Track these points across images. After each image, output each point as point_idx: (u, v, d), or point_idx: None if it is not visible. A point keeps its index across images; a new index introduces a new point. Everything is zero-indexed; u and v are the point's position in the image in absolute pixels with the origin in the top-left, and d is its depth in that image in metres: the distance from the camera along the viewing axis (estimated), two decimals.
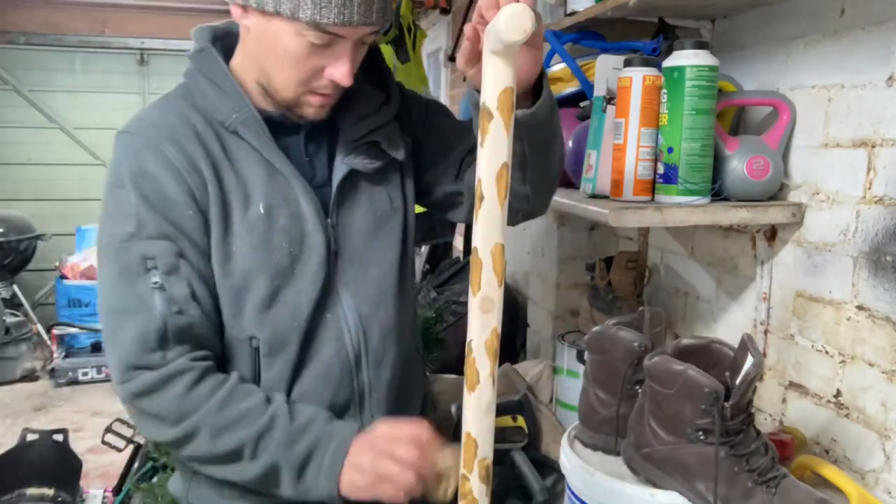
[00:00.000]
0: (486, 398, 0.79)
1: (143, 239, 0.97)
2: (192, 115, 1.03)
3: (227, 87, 1.03)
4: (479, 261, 0.77)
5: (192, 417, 0.97)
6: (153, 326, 0.96)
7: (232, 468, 0.99)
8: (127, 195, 0.98)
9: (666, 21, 1.45)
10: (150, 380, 0.96)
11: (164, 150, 0.99)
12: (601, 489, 1.11)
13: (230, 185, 1.02)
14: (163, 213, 0.98)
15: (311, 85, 0.99)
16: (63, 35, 5.90)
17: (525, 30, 0.71)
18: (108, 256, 0.99)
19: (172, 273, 0.97)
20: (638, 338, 1.18)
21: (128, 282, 0.97)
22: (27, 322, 5.09)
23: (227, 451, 0.97)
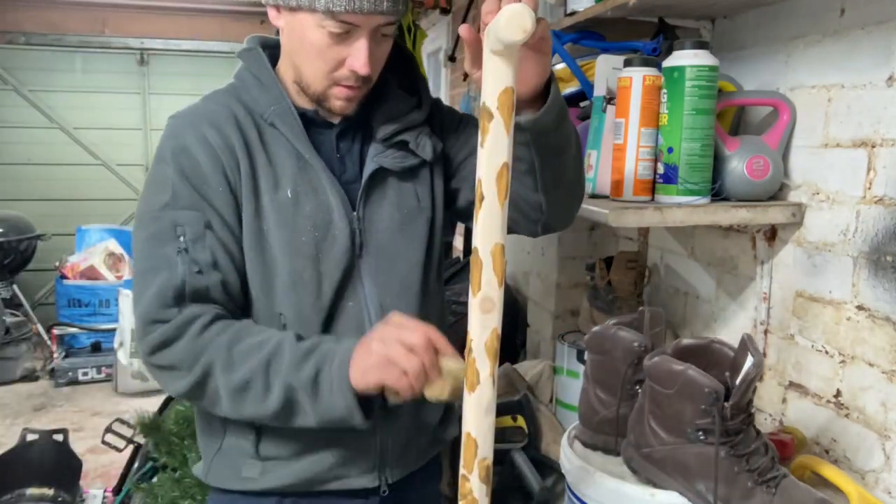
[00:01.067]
0: (486, 398, 0.79)
1: (176, 209, 1.05)
2: (235, 106, 1.12)
3: (268, 83, 1.12)
4: (480, 261, 0.77)
5: (204, 356, 1.00)
6: (172, 283, 1.02)
7: (252, 403, 1.01)
8: (166, 169, 1.07)
9: (666, 21, 1.45)
10: (166, 330, 1.01)
11: (204, 131, 1.08)
12: (601, 489, 1.11)
13: (261, 169, 1.09)
14: (196, 187, 1.06)
15: (335, 76, 1.06)
16: (63, 35, 5.90)
17: (525, 30, 0.71)
18: (143, 223, 1.07)
19: (198, 241, 1.04)
20: (638, 338, 1.18)
21: (157, 245, 1.04)
22: (27, 322, 5.09)
23: (241, 382, 1.00)
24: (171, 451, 2.15)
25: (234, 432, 1.13)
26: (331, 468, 1.12)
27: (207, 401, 1.04)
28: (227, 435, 1.14)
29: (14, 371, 4.83)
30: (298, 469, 1.12)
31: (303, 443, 1.11)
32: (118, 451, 2.56)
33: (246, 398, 1.01)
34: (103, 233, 5.55)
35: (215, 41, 6.01)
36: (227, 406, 1.02)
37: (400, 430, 1.15)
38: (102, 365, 4.78)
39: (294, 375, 0.99)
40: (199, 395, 1.03)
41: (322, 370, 0.99)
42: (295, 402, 1.00)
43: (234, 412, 1.03)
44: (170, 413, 2.32)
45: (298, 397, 0.99)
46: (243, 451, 1.12)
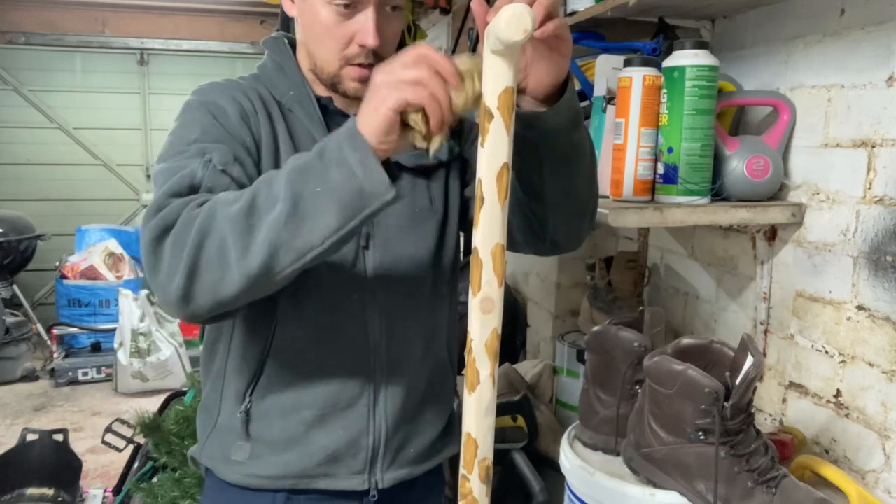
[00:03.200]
0: (486, 398, 0.79)
1: (205, 142, 0.99)
2: (258, 86, 1.12)
3: (289, 70, 1.12)
4: (480, 261, 0.77)
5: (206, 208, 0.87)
6: (190, 179, 0.93)
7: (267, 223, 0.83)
8: (195, 113, 1.04)
9: (666, 21, 1.45)
10: (166, 213, 0.88)
11: (231, 92, 1.07)
12: (601, 489, 1.11)
13: (283, 143, 1.07)
14: (225, 127, 1.03)
15: (346, 55, 1.05)
16: (63, 35, 5.90)
17: (525, 30, 0.71)
18: (169, 155, 0.98)
19: (225, 166, 0.96)
20: (638, 338, 1.18)
21: (181, 159, 0.96)
22: (27, 322, 5.08)
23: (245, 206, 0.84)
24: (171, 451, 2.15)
25: (227, 409, 1.12)
26: (319, 463, 1.09)
27: (211, 267, 0.85)
28: (221, 411, 1.13)
29: (14, 371, 4.82)
30: (286, 460, 1.09)
31: (293, 428, 1.09)
32: (118, 451, 2.56)
33: (252, 220, 0.84)
34: (103, 233, 5.55)
35: (215, 41, 6.01)
36: (235, 249, 0.84)
37: (395, 430, 1.12)
38: (102, 365, 4.77)
39: (296, 162, 0.86)
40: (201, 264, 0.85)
41: (327, 143, 0.85)
42: (303, 190, 0.83)
43: (246, 252, 0.84)
44: (170, 413, 2.32)
45: (305, 182, 0.83)
46: (234, 430, 1.11)
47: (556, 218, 1.03)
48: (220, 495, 1.15)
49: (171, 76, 6.05)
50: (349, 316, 1.08)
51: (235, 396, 1.11)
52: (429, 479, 1.21)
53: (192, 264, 0.85)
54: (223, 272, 0.85)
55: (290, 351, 1.08)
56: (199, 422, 1.19)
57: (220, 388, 1.13)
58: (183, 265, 0.85)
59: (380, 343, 1.10)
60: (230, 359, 1.12)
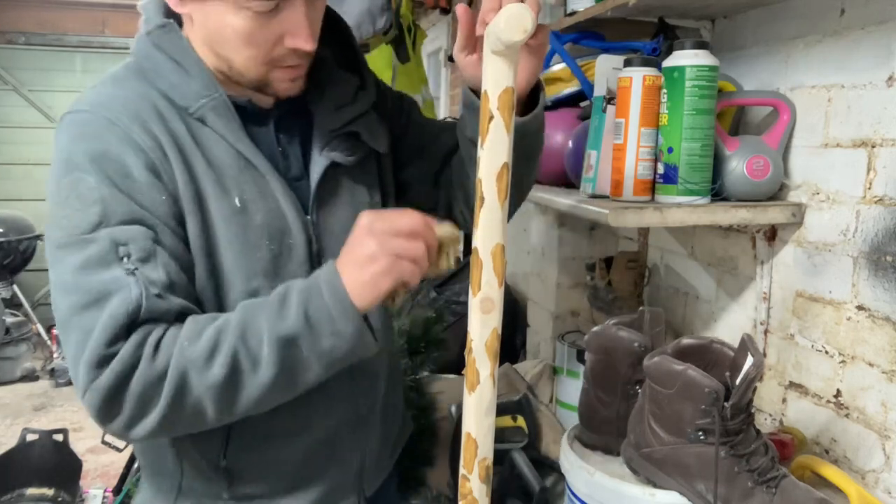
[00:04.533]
0: (486, 398, 0.79)
1: (112, 226, 0.82)
2: (151, 93, 0.91)
3: (192, 68, 0.92)
4: (480, 261, 0.77)
5: (173, 367, 0.80)
6: (126, 308, 0.79)
7: (245, 389, 0.82)
8: (86, 179, 0.83)
9: (666, 21, 1.45)
10: (115, 367, 0.79)
11: (126, 129, 0.86)
12: (601, 489, 1.11)
13: (201, 173, 0.90)
14: (132, 196, 0.84)
15: (274, 59, 0.90)
16: (63, 35, 5.90)
17: (525, 30, 0.71)
18: (69, 251, 0.82)
19: (149, 260, 0.82)
20: (638, 338, 1.18)
21: (97, 271, 0.81)
22: (27, 322, 5.09)
23: (223, 372, 0.80)
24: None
25: (194, 472, 0.98)
26: (313, 501, 1.03)
27: (188, 420, 0.83)
28: (185, 475, 0.99)
29: (14, 371, 4.83)
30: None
31: (282, 477, 1.00)
32: (118, 451, 2.56)
33: (235, 387, 0.81)
34: None
35: None
36: (214, 410, 0.83)
37: (375, 440, 1.10)
38: None
39: (279, 326, 0.81)
40: (176, 420, 0.82)
41: (310, 305, 0.82)
42: (291, 357, 0.82)
43: (226, 411, 0.83)
44: None
45: (293, 349, 0.82)
46: (212, 493, 0.99)
47: None
48: None
49: None
50: None
51: (203, 460, 0.98)
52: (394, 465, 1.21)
53: (163, 420, 0.81)
54: (197, 422, 0.84)
55: None
56: (151, 486, 1.04)
57: (175, 453, 0.99)
58: (150, 419, 0.81)
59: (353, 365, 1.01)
60: None
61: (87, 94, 0.94)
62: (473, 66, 0.93)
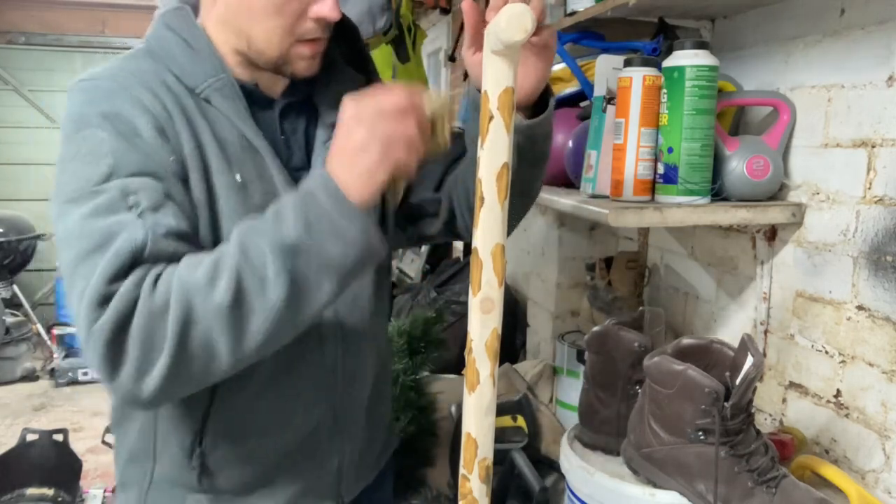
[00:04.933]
0: (486, 398, 0.79)
1: (123, 177, 0.81)
2: (160, 70, 0.92)
3: (202, 50, 0.93)
4: (480, 261, 0.77)
5: (174, 296, 0.76)
6: (130, 247, 0.77)
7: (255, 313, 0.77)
8: (97, 134, 0.83)
9: (666, 21, 1.45)
10: (117, 304, 0.75)
11: (138, 94, 0.87)
12: (601, 489, 1.11)
13: (207, 144, 0.90)
14: (142, 152, 0.84)
15: (297, 32, 0.91)
16: (63, 35, 5.90)
17: (526, 30, 0.71)
18: (77, 203, 0.80)
19: (158, 209, 0.81)
20: (638, 338, 1.18)
21: (104, 217, 0.79)
22: (27, 322, 5.09)
23: (232, 293, 0.76)
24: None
25: (167, 460, 0.98)
26: (288, 501, 1.02)
27: (198, 363, 0.77)
28: (157, 463, 0.98)
29: (14, 371, 4.83)
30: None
31: (257, 473, 1.00)
32: None
33: (243, 309, 0.76)
34: None
35: None
36: (229, 343, 0.77)
37: (356, 443, 1.09)
38: None
39: (280, 238, 0.77)
40: (186, 363, 0.77)
41: (309, 212, 0.77)
42: (297, 270, 0.77)
43: (239, 344, 0.78)
44: None
45: (298, 260, 0.77)
46: (184, 484, 0.97)
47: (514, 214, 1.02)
48: None
49: None
50: (305, 340, 0.93)
51: (179, 450, 0.97)
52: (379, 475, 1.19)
53: (173, 363, 0.75)
54: (209, 364, 0.78)
55: (244, 392, 0.96)
56: (124, 475, 1.04)
57: (150, 439, 0.99)
58: (158, 365, 0.75)
59: (335, 361, 1.02)
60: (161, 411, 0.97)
61: (96, 68, 0.94)
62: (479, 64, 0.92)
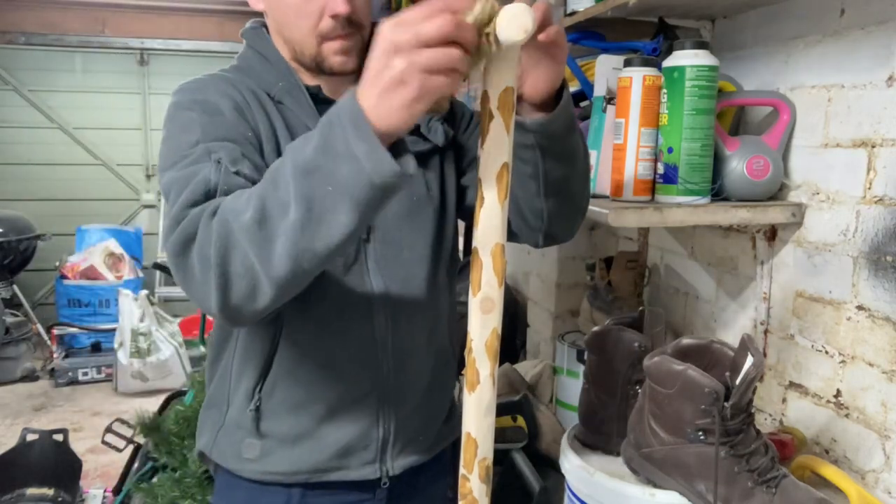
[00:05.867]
0: (486, 398, 0.79)
1: (208, 142, 0.96)
2: (244, 79, 1.09)
3: (274, 60, 1.09)
4: (480, 261, 0.77)
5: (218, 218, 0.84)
6: (204, 184, 0.90)
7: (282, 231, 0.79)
8: (190, 114, 1.00)
9: (666, 21, 1.45)
10: (185, 225, 0.87)
11: (223, 87, 1.04)
12: (601, 489, 1.11)
13: (279, 129, 1.06)
14: (225, 125, 1.00)
15: (321, 31, 1.03)
16: (63, 35, 5.90)
17: (526, 30, 0.71)
18: (173, 162, 0.96)
19: (237, 162, 0.94)
20: (638, 338, 1.18)
21: (191, 166, 0.93)
22: (27, 322, 5.08)
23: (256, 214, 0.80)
24: (171, 451, 2.15)
25: (236, 405, 1.11)
26: (331, 457, 1.10)
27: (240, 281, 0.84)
28: (230, 408, 1.12)
29: (14, 371, 4.82)
30: (298, 455, 1.10)
31: (303, 424, 1.09)
32: (118, 451, 2.57)
33: (269, 230, 0.80)
34: (103, 233, 5.55)
35: (215, 41, 6.00)
36: (259, 261, 0.82)
37: (404, 420, 1.13)
38: (102, 365, 4.77)
39: (299, 158, 0.79)
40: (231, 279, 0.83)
41: (330, 133, 0.77)
42: (311, 189, 0.77)
43: (270, 264, 0.81)
44: (170, 413, 2.32)
45: (312, 180, 0.77)
46: (244, 427, 1.11)
47: (550, 211, 1.05)
48: (234, 492, 1.15)
49: (171, 76, 6.04)
50: (354, 310, 1.08)
51: (244, 394, 1.10)
52: (435, 464, 1.22)
53: (222, 281, 0.83)
54: (254, 283, 0.83)
55: (297, 348, 1.08)
56: (205, 418, 1.19)
57: (227, 385, 1.13)
58: (213, 281, 0.84)
59: (385, 335, 1.10)
60: (237, 357, 1.12)
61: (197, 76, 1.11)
62: None
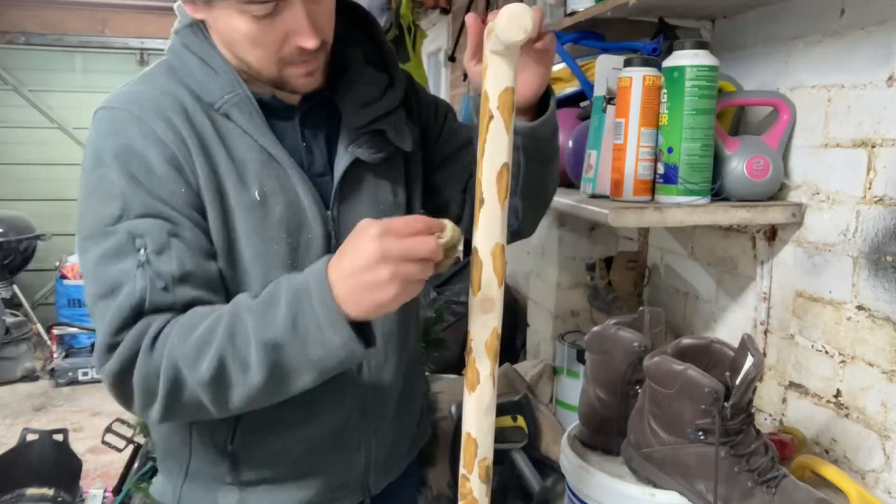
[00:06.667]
0: (486, 398, 0.79)
1: (131, 218, 0.87)
2: (178, 90, 0.94)
3: (217, 66, 0.95)
4: (480, 261, 0.77)
5: (165, 362, 0.83)
6: (130, 301, 0.85)
7: (236, 388, 0.83)
8: (109, 174, 0.89)
9: (666, 21, 1.45)
10: (120, 353, 0.85)
11: (151, 124, 0.91)
12: (601, 489, 1.11)
13: (222, 166, 0.93)
14: (151, 190, 0.89)
15: (283, 58, 0.91)
16: (63, 35, 5.90)
17: (525, 30, 0.71)
18: (93, 241, 0.89)
19: (162, 252, 0.87)
20: (638, 338, 1.18)
21: (112, 262, 0.87)
22: (27, 322, 5.09)
23: (213, 371, 0.82)
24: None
25: (201, 455, 1.01)
26: (317, 493, 1.04)
27: (189, 410, 0.88)
28: (192, 457, 1.02)
29: (14, 371, 4.83)
30: (282, 499, 1.02)
31: (286, 467, 1.02)
32: (118, 451, 2.56)
33: (225, 385, 0.83)
34: None
35: None
36: (212, 405, 0.86)
37: (384, 437, 1.10)
38: None
39: (266, 331, 0.81)
40: (178, 410, 0.87)
41: (299, 313, 0.80)
42: (279, 362, 0.82)
43: (223, 406, 0.86)
44: None
45: (281, 355, 0.81)
46: (217, 478, 1.02)
47: (525, 210, 1.09)
48: None
49: None
50: None
51: (211, 444, 1.01)
52: (406, 471, 1.21)
53: (167, 408, 0.86)
54: (200, 412, 0.88)
55: None
56: (164, 466, 1.09)
57: (185, 435, 1.03)
58: (156, 406, 0.86)
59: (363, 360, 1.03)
60: None
61: (118, 90, 0.97)
62: None
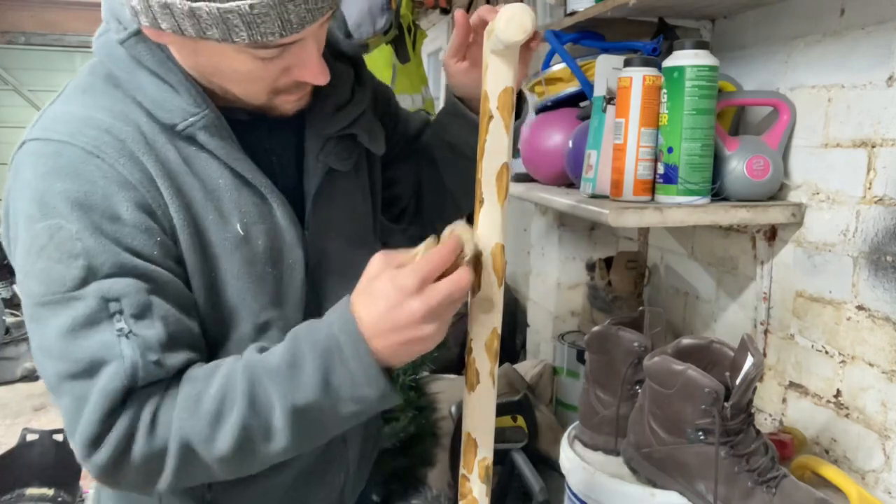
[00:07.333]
0: (486, 398, 0.79)
1: (100, 279, 0.73)
2: (130, 110, 0.80)
3: (177, 84, 0.80)
4: (480, 261, 0.77)
5: (173, 442, 0.74)
6: (119, 382, 0.72)
7: (260, 456, 0.76)
8: (66, 227, 0.73)
9: (666, 21, 1.45)
10: (113, 443, 0.72)
11: (111, 162, 0.76)
12: (601, 489, 1.11)
13: (197, 200, 0.81)
14: (120, 242, 0.74)
15: (278, 89, 0.81)
16: (63, 35, 5.91)
17: (525, 30, 0.71)
18: (50, 310, 0.73)
19: (144, 316, 0.74)
20: (638, 338, 1.18)
21: (85, 335, 0.72)
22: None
23: (235, 444, 0.73)
24: None
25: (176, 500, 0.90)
26: None
27: (195, 481, 0.79)
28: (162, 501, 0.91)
29: (14, 371, 4.83)
30: None
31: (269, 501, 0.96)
32: None
33: (247, 455, 0.75)
34: None
35: None
36: (226, 474, 0.78)
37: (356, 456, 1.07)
38: None
39: (295, 396, 0.73)
40: (184, 484, 0.78)
41: (332, 374, 0.72)
42: (308, 424, 0.75)
43: (237, 474, 0.79)
44: None
45: (310, 416, 0.74)
46: None
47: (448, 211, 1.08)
48: None
49: None
50: None
51: (189, 496, 0.91)
52: None
53: (171, 485, 0.76)
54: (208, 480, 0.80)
55: None
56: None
57: None
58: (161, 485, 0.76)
59: None
60: None
61: (54, 113, 0.80)
62: (462, 72, 0.96)
